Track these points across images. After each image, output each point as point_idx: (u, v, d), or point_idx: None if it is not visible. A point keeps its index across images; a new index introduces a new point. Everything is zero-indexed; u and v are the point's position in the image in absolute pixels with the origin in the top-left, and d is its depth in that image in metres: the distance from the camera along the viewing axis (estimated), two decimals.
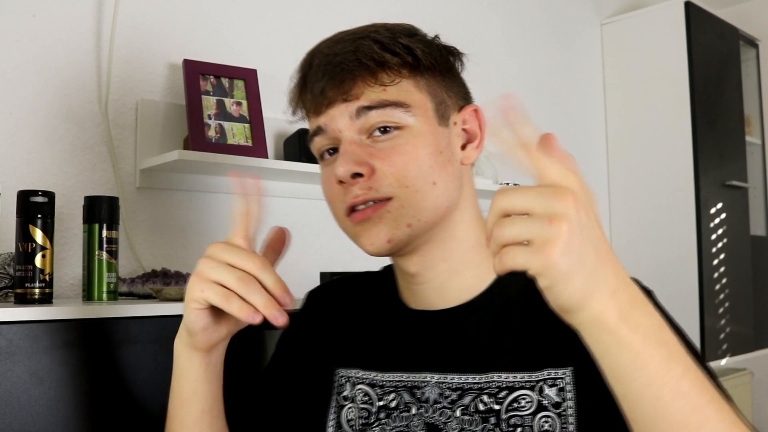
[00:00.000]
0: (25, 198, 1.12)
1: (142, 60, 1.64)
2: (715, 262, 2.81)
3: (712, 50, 2.93)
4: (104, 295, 1.29)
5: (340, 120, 0.79)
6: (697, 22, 2.86)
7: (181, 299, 1.23)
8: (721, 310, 2.81)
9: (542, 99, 2.76)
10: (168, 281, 1.40)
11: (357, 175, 0.77)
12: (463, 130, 0.84)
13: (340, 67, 0.78)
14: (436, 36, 0.85)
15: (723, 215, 2.88)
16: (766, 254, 3.17)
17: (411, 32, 0.82)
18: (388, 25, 0.82)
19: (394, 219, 0.77)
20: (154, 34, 1.67)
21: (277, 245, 0.79)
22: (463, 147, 0.83)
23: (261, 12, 1.89)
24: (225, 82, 1.66)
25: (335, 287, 0.98)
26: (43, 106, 1.49)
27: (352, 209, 0.78)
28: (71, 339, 1.02)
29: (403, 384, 0.82)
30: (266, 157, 1.65)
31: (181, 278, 1.42)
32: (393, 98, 0.78)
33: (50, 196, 1.13)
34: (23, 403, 0.96)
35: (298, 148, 1.74)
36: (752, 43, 3.29)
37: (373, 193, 0.77)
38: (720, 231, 2.85)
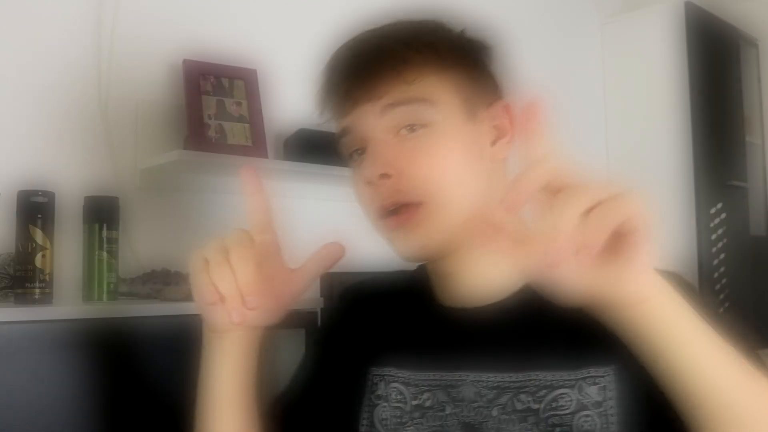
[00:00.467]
0: (25, 198, 1.12)
1: (142, 60, 1.64)
2: (715, 262, 2.81)
3: (712, 50, 2.93)
4: (104, 295, 1.29)
5: (366, 120, 0.78)
6: (697, 21, 2.85)
7: (181, 299, 1.23)
8: (721, 310, 2.80)
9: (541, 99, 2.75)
10: (168, 281, 1.39)
11: (385, 175, 0.76)
12: (494, 126, 0.81)
13: (363, 66, 0.77)
14: (464, 30, 0.83)
15: (723, 215, 2.88)
16: (766, 254, 3.17)
17: (435, 28, 0.81)
18: (412, 22, 0.81)
19: (425, 226, 0.76)
20: (154, 34, 1.67)
21: (323, 259, 0.77)
22: (494, 144, 0.81)
23: (261, 11, 1.89)
24: (225, 82, 1.66)
25: (369, 285, 0.96)
26: (43, 106, 1.49)
27: (385, 211, 0.77)
28: (71, 339, 1.02)
29: (437, 383, 0.80)
30: (266, 157, 1.65)
31: (181, 278, 1.42)
32: (418, 95, 0.76)
33: (50, 196, 1.13)
34: (23, 403, 0.96)
35: (298, 148, 1.74)
36: (752, 43, 3.29)
37: (402, 197, 0.76)
38: (720, 231, 2.85)
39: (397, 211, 0.77)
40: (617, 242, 0.53)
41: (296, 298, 0.78)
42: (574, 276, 0.53)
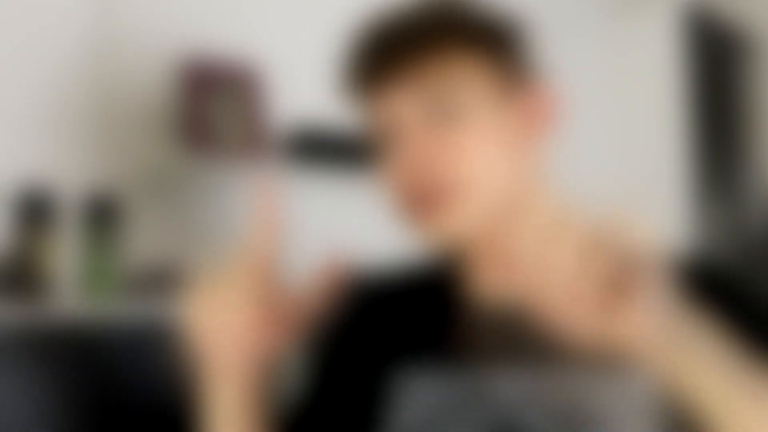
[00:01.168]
0: (25, 198, 1.11)
1: (142, 59, 1.64)
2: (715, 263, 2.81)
3: (712, 51, 2.93)
4: (104, 295, 1.29)
5: (396, 105, 0.75)
6: (697, 22, 2.86)
7: (183, 300, 1.22)
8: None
9: None
10: (169, 281, 1.39)
11: (414, 162, 0.74)
12: (527, 114, 0.79)
13: (393, 49, 0.75)
14: (500, 12, 0.81)
15: (723, 214, 2.88)
16: (766, 255, 3.18)
17: (469, 8, 0.79)
18: (441, 4, 0.78)
19: (457, 213, 0.74)
20: (155, 32, 1.66)
21: (327, 283, 0.73)
22: (527, 133, 0.78)
23: (264, 8, 1.89)
24: (225, 81, 1.66)
25: (382, 283, 0.90)
26: (43, 105, 1.49)
27: (415, 197, 0.75)
28: (71, 340, 1.01)
29: (466, 384, 0.76)
30: (266, 157, 1.64)
31: (181, 279, 1.42)
32: (451, 80, 0.74)
33: (50, 195, 1.13)
34: (24, 403, 0.96)
35: (300, 147, 1.73)
36: (752, 43, 3.29)
37: (434, 183, 0.74)
38: (720, 231, 2.86)
39: (428, 197, 0.74)
40: (621, 281, 0.50)
41: (301, 329, 0.74)
42: (574, 318, 0.51)
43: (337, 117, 1.74)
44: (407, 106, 0.75)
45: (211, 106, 1.61)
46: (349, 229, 0.85)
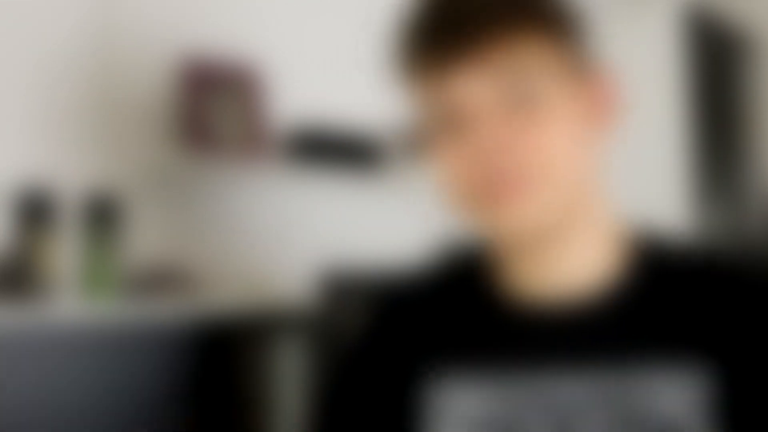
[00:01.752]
0: (25, 197, 1.11)
1: (142, 59, 1.64)
2: None
3: (712, 51, 2.93)
4: (105, 294, 1.29)
5: (466, 86, 0.70)
6: (697, 22, 2.86)
7: (183, 299, 1.22)
8: None
9: None
10: (169, 281, 1.39)
11: (488, 149, 0.69)
12: (593, 103, 0.75)
13: (468, 26, 0.69)
14: None
15: (723, 214, 2.88)
16: (765, 255, 3.18)
17: None
18: None
19: (527, 203, 0.69)
20: (155, 32, 1.66)
21: None
22: (592, 124, 0.75)
23: (262, 10, 1.89)
24: (225, 81, 1.66)
25: (407, 287, 0.84)
26: (43, 106, 1.49)
27: (481, 186, 0.70)
28: (71, 339, 1.01)
29: (515, 391, 0.72)
30: (266, 157, 1.64)
31: (181, 278, 1.42)
32: (525, 63, 0.70)
33: (50, 195, 1.13)
34: (24, 402, 0.96)
35: (300, 147, 1.73)
36: (752, 43, 3.29)
37: (507, 173, 0.69)
38: (720, 230, 2.85)
39: (503, 185, 0.69)
40: None
41: None
42: None
43: (338, 116, 1.74)
44: (480, 89, 0.69)
45: (211, 106, 1.62)
46: (350, 228, 0.84)
